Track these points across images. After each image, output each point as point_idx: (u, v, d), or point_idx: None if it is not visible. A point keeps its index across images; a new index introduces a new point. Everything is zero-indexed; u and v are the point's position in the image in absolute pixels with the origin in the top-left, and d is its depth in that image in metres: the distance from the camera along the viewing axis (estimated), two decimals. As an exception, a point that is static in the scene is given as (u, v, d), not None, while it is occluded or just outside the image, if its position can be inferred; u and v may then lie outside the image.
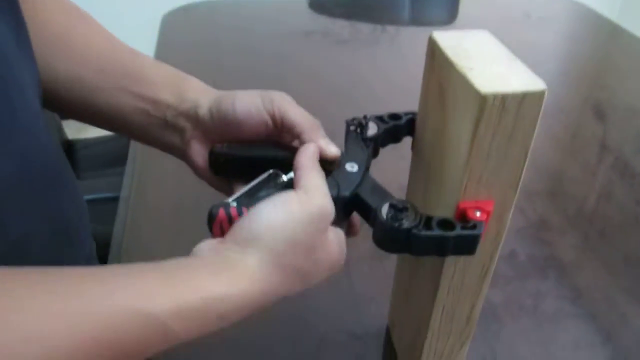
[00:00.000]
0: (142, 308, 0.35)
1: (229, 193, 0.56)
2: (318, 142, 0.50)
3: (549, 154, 1.05)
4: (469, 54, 0.41)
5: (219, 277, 0.39)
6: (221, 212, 0.44)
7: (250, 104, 0.51)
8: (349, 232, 0.54)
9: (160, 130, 0.55)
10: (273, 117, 0.51)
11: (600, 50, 1.52)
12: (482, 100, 0.37)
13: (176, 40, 1.39)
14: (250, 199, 0.46)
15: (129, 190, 0.92)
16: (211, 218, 0.44)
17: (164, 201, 0.90)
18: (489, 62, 0.40)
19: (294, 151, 0.52)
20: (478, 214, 0.43)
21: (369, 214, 0.47)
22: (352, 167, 0.50)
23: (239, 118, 0.52)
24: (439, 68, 0.43)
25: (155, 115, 0.55)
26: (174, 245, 0.79)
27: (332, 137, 0.52)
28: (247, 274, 0.40)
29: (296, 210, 0.42)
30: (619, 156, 1.04)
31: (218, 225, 0.44)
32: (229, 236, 0.42)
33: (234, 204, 0.44)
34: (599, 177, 0.99)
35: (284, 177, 0.49)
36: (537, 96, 0.38)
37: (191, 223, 0.82)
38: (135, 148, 1.03)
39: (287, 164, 0.51)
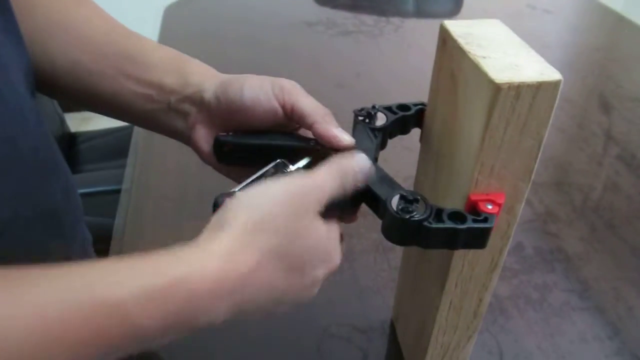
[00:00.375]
0: (101, 295, 0.33)
1: (235, 179, 0.55)
2: (332, 132, 0.48)
3: (555, 145, 1.04)
4: (481, 42, 0.41)
5: (183, 258, 0.37)
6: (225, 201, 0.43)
7: (259, 90, 0.50)
8: (348, 219, 0.52)
9: (163, 115, 0.54)
10: (283, 106, 0.50)
11: (606, 41, 1.50)
12: (496, 89, 0.36)
13: (178, 31, 1.38)
14: None
15: (131, 182, 0.92)
16: (216, 207, 0.43)
17: (166, 193, 0.90)
18: (502, 51, 0.39)
19: (301, 140, 0.51)
20: (490, 206, 0.43)
21: (377, 205, 0.46)
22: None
23: (246, 104, 0.50)
24: (450, 57, 0.43)
25: (159, 99, 0.53)
26: (176, 236, 0.78)
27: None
28: (215, 252, 0.38)
29: (276, 189, 0.41)
30: (625, 147, 1.03)
31: None
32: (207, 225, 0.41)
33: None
34: (605, 168, 0.98)
35: (291, 167, 0.48)
36: (553, 86, 0.37)
37: (194, 214, 0.82)
38: (138, 140, 1.03)
39: (294, 153, 0.50)
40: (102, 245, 0.84)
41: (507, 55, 0.39)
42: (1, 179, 0.45)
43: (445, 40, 0.43)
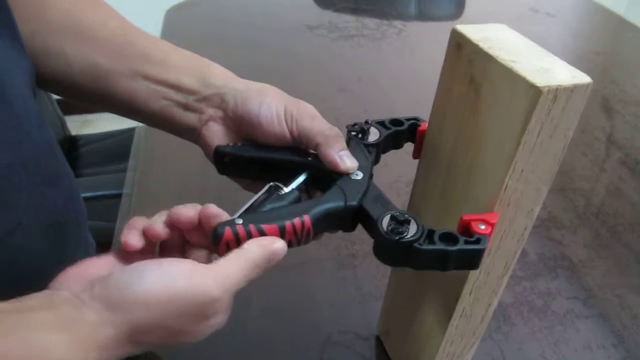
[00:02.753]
0: None
1: (240, 182, 0.56)
2: (331, 157, 0.48)
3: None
4: (502, 46, 0.40)
5: (61, 336, 0.35)
6: (227, 230, 0.42)
7: (274, 112, 0.51)
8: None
9: (178, 113, 0.55)
10: (291, 131, 0.51)
11: (608, 44, 1.50)
12: (537, 93, 0.36)
13: (180, 35, 1.37)
14: (256, 215, 0.45)
15: (132, 186, 0.91)
16: (217, 238, 0.42)
17: (167, 197, 0.89)
18: (525, 55, 0.39)
19: (300, 154, 0.51)
20: (482, 226, 0.42)
21: (370, 225, 0.45)
22: (356, 175, 0.49)
23: (260, 121, 0.51)
24: (469, 62, 0.42)
25: (177, 99, 0.54)
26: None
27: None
28: (98, 343, 0.36)
29: (182, 289, 0.39)
30: (629, 152, 1.02)
31: (225, 245, 0.42)
32: (99, 287, 0.38)
33: (240, 221, 0.43)
34: (608, 173, 0.98)
35: (285, 189, 0.48)
36: (584, 88, 0.38)
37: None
38: (139, 144, 1.02)
39: (293, 167, 0.50)
40: (102, 250, 0.83)
41: (532, 59, 0.39)
42: (5, 186, 0.45)
43: (461, 44, 0.43)
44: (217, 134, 0.54)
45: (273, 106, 0.51)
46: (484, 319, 0.53)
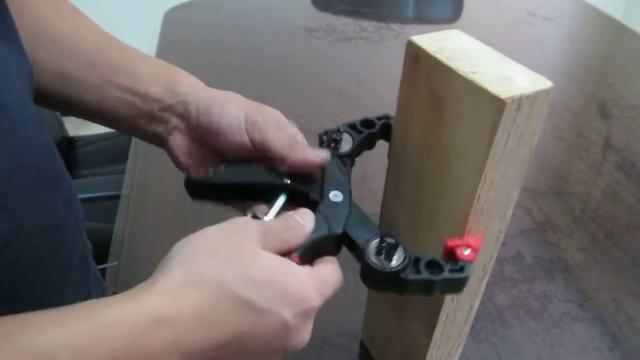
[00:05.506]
0: (32, 345, 0.31)
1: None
2: (300, 162, 0.48)
3: (555, 153, 1.04)
4: (460, 56, 0.40)
5: (121, 300, 0.35)
6: None
7: (235, 120, 0.50)
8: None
9: (145, 122, 0.54)
10: (252, 141, 0.50)
11: (605, 48, 1.50)
12: (501, 104, 0.36)
13: (178, 37, 1.37)
14: None
15: (130, 188, 0.92)
16: None
17: (165, 199, 0.89)
18: (485, 64, 0.39)
19: (274, 176, 0.49)
20: (467, 252, 0.42)
21: (356, 250, 0.44)
22: (336, 196, 0.47)
23: (221, 131, 0.50)
24: (427, 75, 0.42)
25: (143, 108, 0.54)
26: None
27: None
28: (153, 293, 0.35)
29: (213, 229, 0.40)
30: (625, 156, 1.03)
31: None
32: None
33: None
34: (605, 177, 0.98)
35: (265, 218, 0.46)
36: (546, 94, 0.37)
37: (193, 221, 0.81)
38: (137, 145, 1.02)
39: (268, 190, 0.49)
40: (100, 251, 0.83)
41: (492, 68, 0.39)
42: (6, 191, 0.45)
43: (418, 57, 0.42)
44: (181, 145, 0.54)
45: (233, 115, 0.50)
46: (467, 320, 0.54)
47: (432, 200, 0.46)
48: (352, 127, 0.52)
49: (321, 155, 0.48)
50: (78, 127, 2.17)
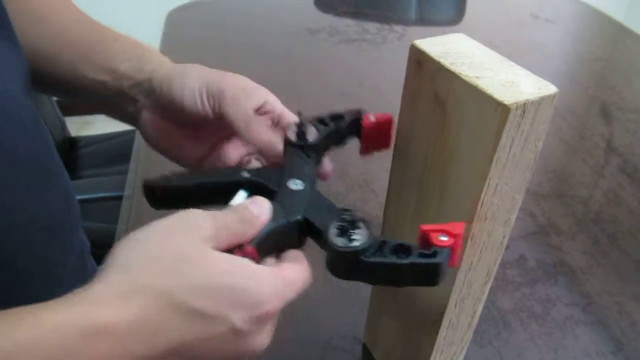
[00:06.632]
0: None
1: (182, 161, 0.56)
2: (258, 141, 0.48)
3: (558, 156, 1.04)
4: (464, 61, 0.40)
5: (61, 306, 0.33)
6: None
7: (196, 93, 0.50)
8: (320, 176, 0.51)
9: (118, 100, 0.55)
10: (214, 113, 0.50)
11: (607, 51, 1.50)
12: (505, 110, 0.35)
13: (181, 37, 1.37)
14: None
15: (133, 188, 0.91)
16: None
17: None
18: (488, 69, 0.39)
19: (232, 175, 0.48)
20: (444, 238, 0.38)
21: (319, 237, 0.41)
22: (295, 184, 0.45)
23: (184, 104, 0.50)
24: (431, 79, 0.41)
25: (114, 85, 0.54)
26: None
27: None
28: (80, 299, 0.33)
29: (161, 222, 0.37)
30: (628, 159, 1.03)
31: None
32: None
33: None
34: (608, 180, 0.98)
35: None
36: (550, 99, 0.37)
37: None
38: (139, 145, 1.02)
39: (228, 189, 0.46)
40: (103, 251, 0.83)
41: (496, 73, 0.38)
42: (1, 189, 0.44)
43: (421, 61, 0.42)
44: (151, 123, 0.54)
45: (194, 87, 0.50)
46: (470, 325, 0.54)
47: (436, 205, 0.46)
48: (319, 120, 0.51)
49: (273, 139, 0.48)
50: (80, 128, 2.17)
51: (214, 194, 0.48)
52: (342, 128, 0.51)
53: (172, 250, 0.36)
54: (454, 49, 0.41)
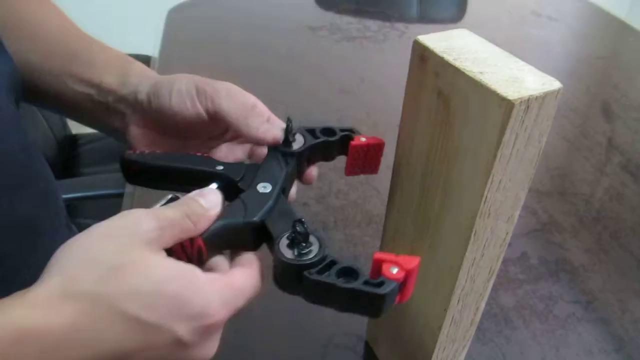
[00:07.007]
0: None
1: None
2: (252, 135, 0.48)
3: (560, 154, 1.04)
4: (468, 56, 0.39)
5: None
6: None
7: (185, 95, 0.50)
8: (303, 179, 0.51)
9: (102, 114, 0.54)
10: (207, 111, 0.50)
11: (610, 49, 1.50)
12: (509, 106, 0.35)
13: (182, 36, 1.37)
14: None
15: (134, 186, 0.91)
16: None
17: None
18: (493, 64, 0.39)
19: (209, 164, 0.48)
20: (394, 270, 0.37)
21: (271, 244, 0.40)
22: (264, 187, 0.44)
23: (174, 109, 0.50)
24: (434, 75, 0.41)
25: (99, 99, 0.53)
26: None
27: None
28: (16, 302, 0.32)
29: (99, 226, 0.35)
30: (630, 157, 1.02)
31: None
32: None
33: None
34: (610, 178, 0.98)
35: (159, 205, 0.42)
36: (555, 95, 0.37)
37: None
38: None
39: (202, 178, 0.46)
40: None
41: (500, 68, 0.38)
42: None
43: (425, 57, 0.41)
44: (139, 137, 0.53)
45: (182, 89, 0.50)
46: (473, 322, 0.54)
47: (439, 202, 0.46)
48: (310, 131, 0.50)
49: (274, 133, 0.48)
50: (81, 125, 2.17)
51: (185, 179, 0.47)
52: (331, 143, 0.50)
53: (111, 254, 0.34)
54: (457, 45, 0.41)
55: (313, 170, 0.52)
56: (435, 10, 1.68)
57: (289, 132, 0.49)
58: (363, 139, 0.51)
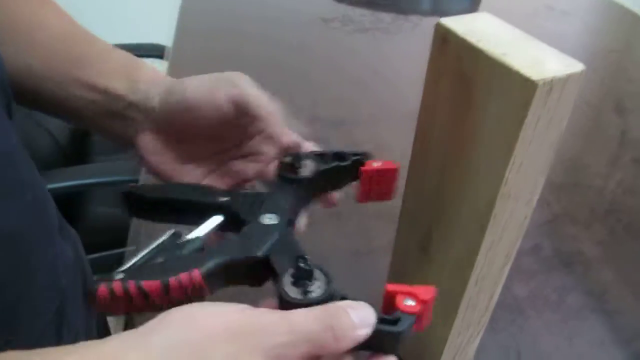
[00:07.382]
0: None
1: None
2: (275, 130, 0.47)
3: (574, 146, 1.03)
4: (490, 39, 0.40)
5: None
6: (102, 288, 0.35)
7: (200, 87, 0.49)
8: (325, 204, 0.50)
9: (110, 120, 0.53)
10: (229, 97, 0.48)
11: (623, 42, 1.49)
12: (533, 86, 0.35)
13: (195, 27, 1.37)
14: (140, 269, 0.38)
15: (147, 174, 0.91)
16: (91, 296, 0.35)
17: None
18: (515, 46, 0.39)
19: (213, 195, 0.46)
20: (410, 302, 0.35)
21: (276, 281, 0.38)
22: (270, 219, 0.42)
23: (190, 103, 0.49)
24: (457, 57, 0.41)
25: (105, 105, 0.52)
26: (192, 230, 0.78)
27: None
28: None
29: (230, 311, 0.32)
30: (644, 151, 1.02)
31: (102, 306, 0.35)
32: None
33: (120, 276, 0.36)
34: (623, 171, 0.97)
35: (188, 235, 0.41)
36: (577, 77, 0.37)
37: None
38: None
39: (205, 209, 0.45)
40: (117, 235, 0.84)
41: (523, 50, 0.38)
42: None
43: (447, 39, 0.41)
44: (150, 144, 0.52)
45: (196, 84, 0.49)
46: (488, 308, 0.54)
47: (457, 188, 0.46)
48: (320, 155, 0.48)
49: (293, 137, 0.48)
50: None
51: (187, 211, 0.46)
52: (342, 168, 0.48)
53: (222, 357, 0.30)
54: (479, 27, 0.41)
55: (334, 193, 0.50)
56: (448, 3, 1.68)
57: (298, 159, 0.47)
58: (375, 164, 0.49)
